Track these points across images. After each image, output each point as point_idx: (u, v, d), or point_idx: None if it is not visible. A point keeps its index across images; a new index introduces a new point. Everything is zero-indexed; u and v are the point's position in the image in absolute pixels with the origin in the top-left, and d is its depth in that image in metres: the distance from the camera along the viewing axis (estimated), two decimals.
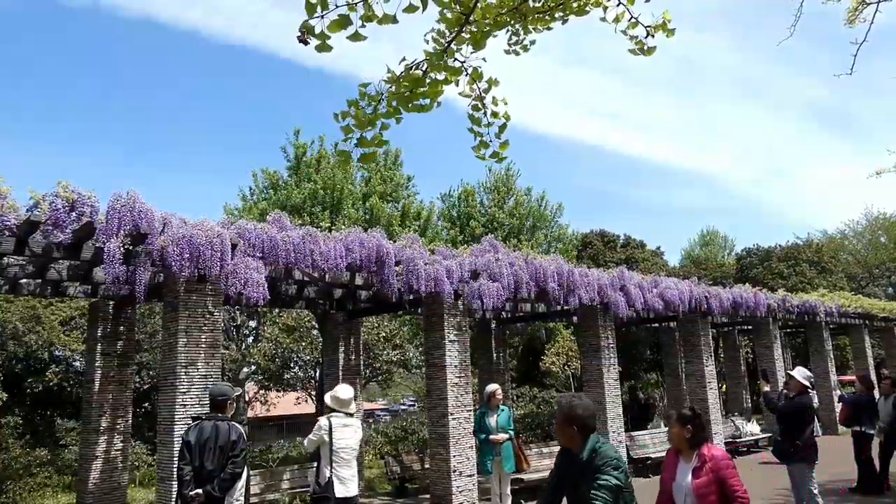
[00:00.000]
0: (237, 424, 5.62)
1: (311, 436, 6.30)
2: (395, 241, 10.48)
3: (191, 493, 5.37)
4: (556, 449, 13.51)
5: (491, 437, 9.08)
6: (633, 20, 2.76)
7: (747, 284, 17.74)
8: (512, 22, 2.70)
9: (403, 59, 2.60)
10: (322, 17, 2.29)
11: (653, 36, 2.78)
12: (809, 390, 8.31)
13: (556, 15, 2.69)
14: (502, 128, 2.82)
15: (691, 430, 4.08)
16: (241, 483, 5.53)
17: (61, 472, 14.51)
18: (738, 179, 77.91)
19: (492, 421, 9.17)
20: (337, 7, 2.30)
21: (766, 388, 8.35)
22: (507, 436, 9.23)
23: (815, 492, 7.45)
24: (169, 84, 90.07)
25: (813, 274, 27.43)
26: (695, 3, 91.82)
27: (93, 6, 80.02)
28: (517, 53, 2.87)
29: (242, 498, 5.55)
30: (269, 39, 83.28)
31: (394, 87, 2.56)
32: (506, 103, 2.78)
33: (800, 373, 7.82)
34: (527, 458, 9.97)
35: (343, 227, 12.22)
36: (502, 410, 9.39)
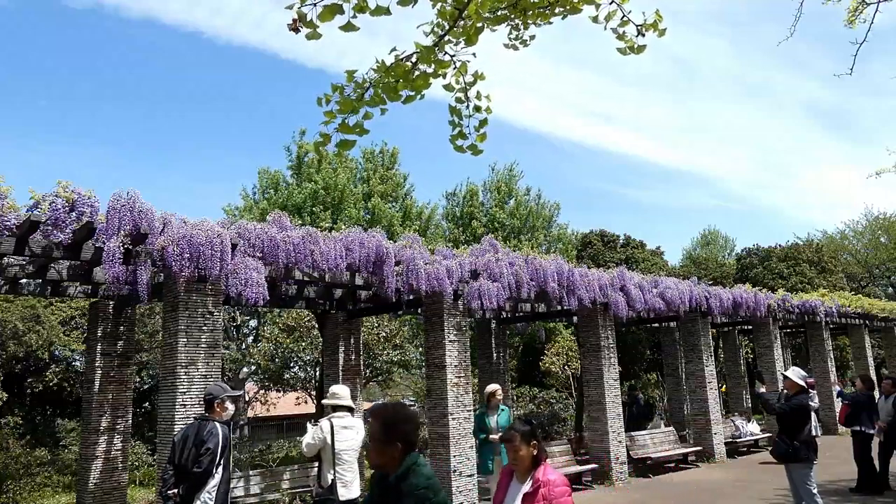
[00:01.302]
0: (218, 425, 5.55)
1: (308, 438, 6.08)
2: (395, 242, 10.48)
3: (167, 491, 5.47)
4: (556, 448, 13.42)
5: (490, 436, 9.08)
6: (624, 18, 2.75)
7: (747, 284, 17.73)
8: (512, 16, 2.70)
9: (394, 50, 2.60)
10: (315, 5, 2.29)
11: (643, 35, 2.77)
12: (810, 390, 8.32)
13: (556, 10, 2.68)
14: (483, 122, 2.80)
15: (537, 445, 3.63)
16: (214, 483, 5.43)
17: (61, 472, 14.52)
18: (738, 179, 77.98)
19: (492, 421, 9.17)
20: None
21: (762, 390, 8.33)
22: None
23: (815, 492, 7.44)
24: (171, 84, 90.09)
25: (813, 274, 27.42)
26: (694, 5, 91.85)
27: (96, 7, 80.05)
28: (517, 48, 2.86)
29: (214, 499, 5.44)
30: (272, 40, 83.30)
31: (382, 77, 2.56)
32: (489, 99, 2.77)
33: (795, 373, 7.82)
34: None
35: (344, 227, 12.22)
36: (503, 410, 9.38)
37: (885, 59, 59.73)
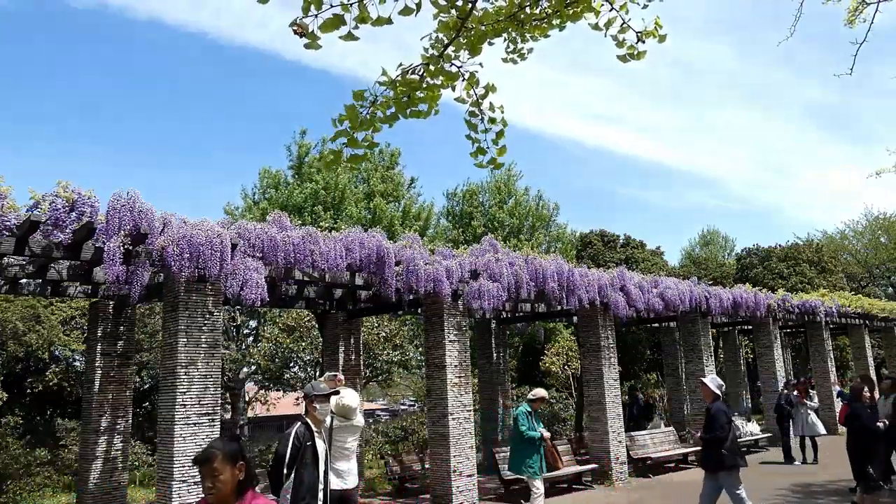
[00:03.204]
0: (295, 427, 5.39)
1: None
2: (395, 242, 10.48)
3: None
4: (557, 449, 13.40)
5: (545, 433, 9.00)
6: (624, 25, 2.76)
7: (747, 284, 17.73)
8: (510, 30, 2.71)
9: (401, 65, 2.61)
10: (316, 15, 2.30)
11: (643, 41, 2.78)
12: (811, 390, 8.35)
13: (554, 22, 2.69)
14: (500, 134, 2.81)
15: (244, 467, 2.79)
16: (287, 485, 5.22)
17: (61, 472, 14.51)
18: (738, 179, 77.97)
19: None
20: (332, 7, 2.30)
21: (698, 435, 8.09)
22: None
23: (744, 496, 7.47)
24: (174, 85, 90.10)
25: (813, 274, 27.43)
26: (695, 11, 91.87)
27: (100, 7, 80.00)
28: (515, 61, 2.87)
29: (289, 501, 5.24)
30: (276, 41, 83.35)
31: (391, 92, 2.57)
32: (502, 110, 2.77)
33: (712, 381, 7.82)
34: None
35: (344, 226, 12.21)
36: (538, 414, 9.40)
37: (885, 59, 59.77)
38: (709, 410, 7.70)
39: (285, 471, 5.25)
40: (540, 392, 9.36)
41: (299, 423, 5.45)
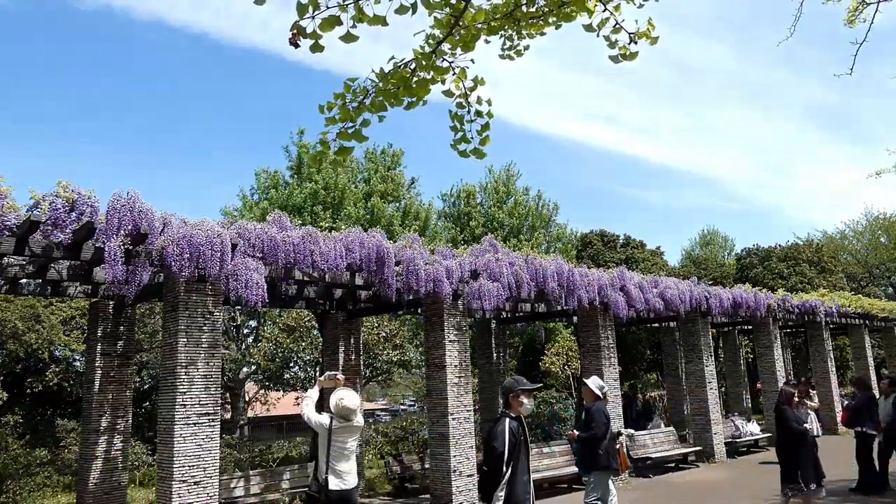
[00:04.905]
0: (507, 421, 5.12)
1: (313, 413, 6.05)
2: (395, 242, 10.49)
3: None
4: (556, 448, 13.44)
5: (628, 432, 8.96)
6: (617, 26, 2.76)
7: (747, 284, 17.73)
8: (506, 27, 2.72)
9: (392, 58, 2.63)
10: (313, 17, 2.32)
11: (636, 42, 2.79)
12: (811, 390, 8.39)
13: (550, 20, 2.70)
14: (485, 126, 2.83)
15: None
16: (504, 482, 4.97)
17: (61, 472, 14.51)
18: (738, 179, 77.96)
19: None
20: (328, 8, 2.32)
21: (576, 433, 8.26)
22: None
23: (614, 498, 7.54)
24: (174, 85, 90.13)
25: (813, 274, 27.43)
26: (694, 10, 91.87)
27: (105, 9, 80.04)
28: (511, 58, 2.89)
29: (504, 497, 4.97)
30: (276, 41, 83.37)
31: (381, 84, 2.59)
32: (490, 103, 2.79)
33: (593, 382, 7.92)
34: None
35: (344, 226, 12.21)
36: None
37: (885, 59, 59.80)
38: (588, 410, 7.77)
39: (504, 468, 4.98)
40: (603, 383, 9.22)
41: (508, 418, 5.15)
